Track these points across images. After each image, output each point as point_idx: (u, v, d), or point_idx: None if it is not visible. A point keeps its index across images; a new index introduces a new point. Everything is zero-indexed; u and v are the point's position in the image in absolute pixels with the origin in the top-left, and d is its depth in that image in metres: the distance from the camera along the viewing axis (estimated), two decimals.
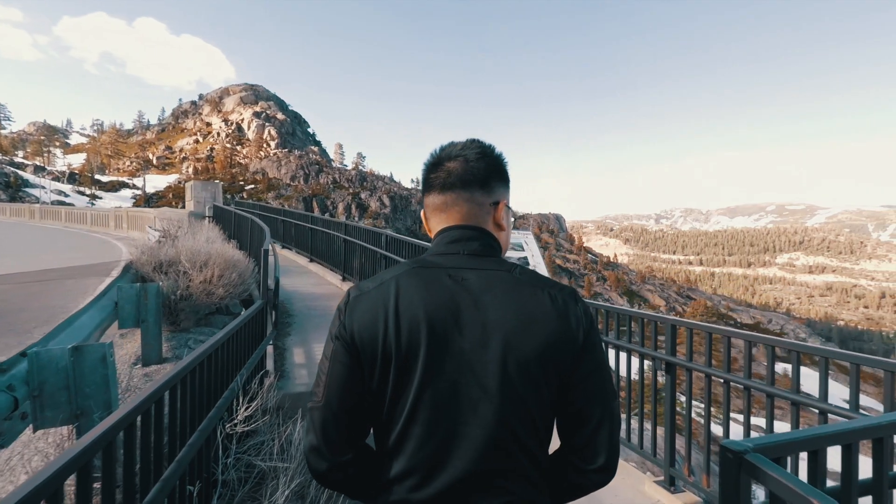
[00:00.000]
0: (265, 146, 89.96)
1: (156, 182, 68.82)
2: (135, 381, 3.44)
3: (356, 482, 0.85)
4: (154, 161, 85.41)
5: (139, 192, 61.97)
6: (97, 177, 69.05)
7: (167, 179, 71.53)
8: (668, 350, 3.02)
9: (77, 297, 6.51)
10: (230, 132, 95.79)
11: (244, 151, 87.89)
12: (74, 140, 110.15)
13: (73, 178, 65.58)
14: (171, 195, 55.58)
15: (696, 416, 11.53)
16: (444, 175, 0.91)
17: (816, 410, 2.13)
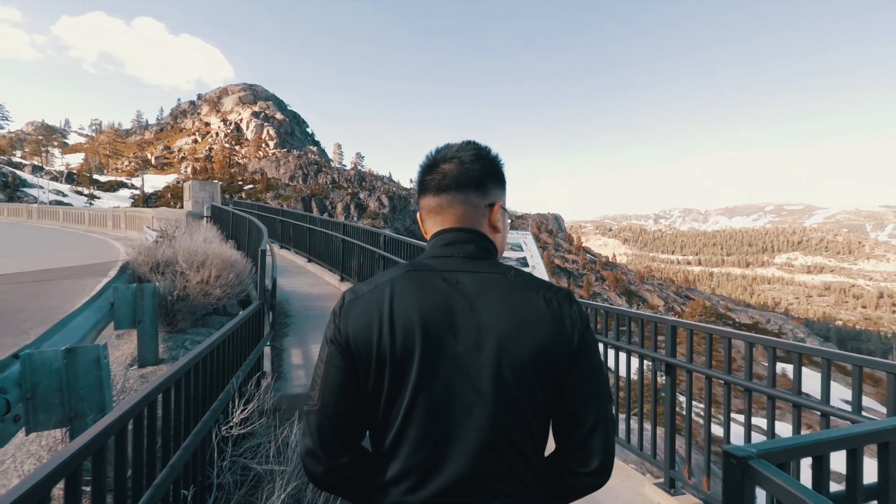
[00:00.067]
0: (264, 146, 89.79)
1: (154, 182, 68.63)
2: (130, 383, 3.41)
3: (352, 485, 0.85)
4: (152, 161, 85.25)
5: (138, 192, 61.81)
6: (95, 177, 68.84)
7: (166, 179, 71.37)
8: (668, 351, 3.00)
9: (74, 298, 6.45)
10: (229, 132, 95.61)
11: (243, 151, 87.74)
12: (73, 140, 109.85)
13: (72, 178, 65.37)
14: (170, 195, 55.44)
15: (696, 417, 11.53)
16: (440, 177, 0.91)
17: (817, 411, 2.12)
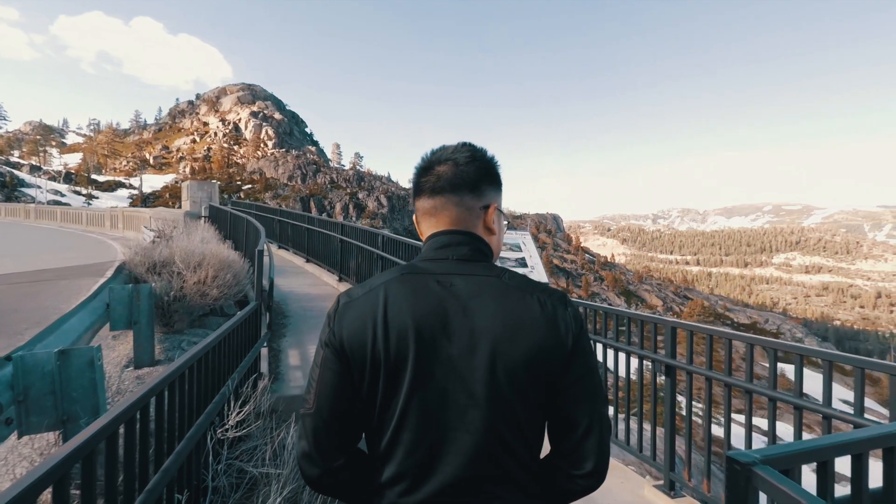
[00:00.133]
0: (262, 146, 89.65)
1: (153, 182, 68.46)
2: (126, 384, 3.38)
3: (348, 487, 0.85)
4: (151, 161, 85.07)
5: (136, 192, 61.65)
6: (94, 176, 68.71)
7: (164, 179, 71.19)
8: (668, 353, 2.98)
9: (70, 298, 6.43)
10: (227, 132, 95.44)
11: (241, 151, 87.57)
12: (71, 140, 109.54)
13: (70, 178, 65.19)
14: (168, 195, 55.31)
15: (696, 418, 11.52)
16: (434, 179, 0.91)
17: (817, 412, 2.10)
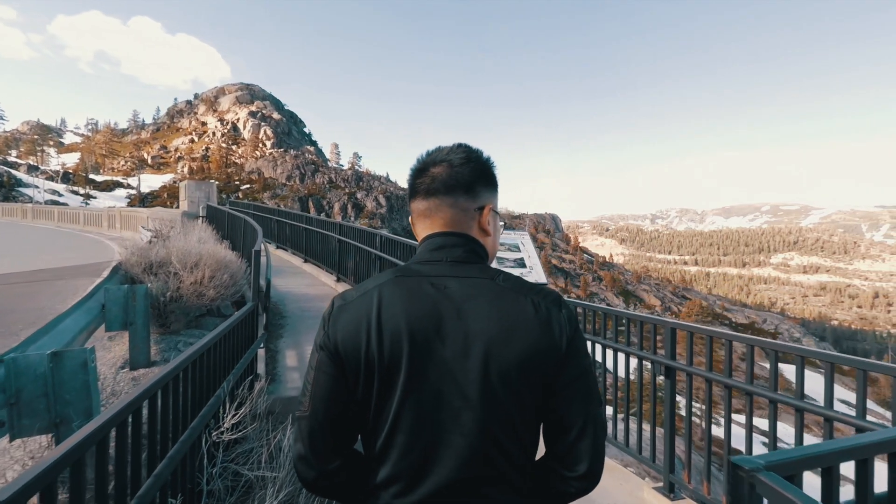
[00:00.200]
0: (261, 146, 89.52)
1: (151, 182, 68.33)
2: (121, 386, 3.36)
3: (345, 489, 0.86)
4: (149, 160, 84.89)
5: (134, 192, 61.52)
6: (91, 176, 68.55)
7: (162, 179, 71.03)
8: (668, 354, 2.96)
9: (67, 299, 6.40)
10: (226, 132, 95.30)
11: (240, 151, 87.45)
12: (69, 139, 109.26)
13: (67, 178, 65.02)
14: (166, 195, 55.20)
15: (696, 419, 11.52)
16: (429, 180, 0.91)
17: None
